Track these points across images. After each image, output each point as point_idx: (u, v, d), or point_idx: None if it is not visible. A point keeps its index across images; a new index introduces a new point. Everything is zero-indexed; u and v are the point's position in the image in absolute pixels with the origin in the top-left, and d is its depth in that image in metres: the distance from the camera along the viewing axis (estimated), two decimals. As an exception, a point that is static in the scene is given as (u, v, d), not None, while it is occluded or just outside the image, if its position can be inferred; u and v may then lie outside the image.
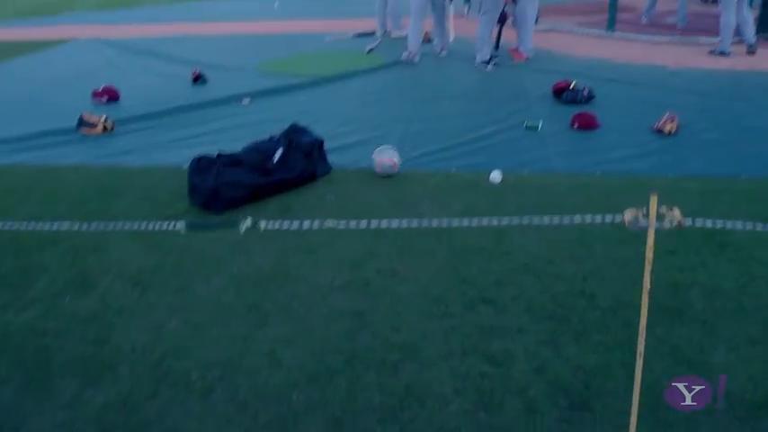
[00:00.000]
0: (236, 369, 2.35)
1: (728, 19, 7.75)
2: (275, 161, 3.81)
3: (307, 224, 1.99)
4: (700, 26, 10.06)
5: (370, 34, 9.73)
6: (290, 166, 3.86)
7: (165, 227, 2.54)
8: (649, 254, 1.52)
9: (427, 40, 8.57)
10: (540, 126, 5.05)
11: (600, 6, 12.54)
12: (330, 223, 1.88)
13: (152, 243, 3.33)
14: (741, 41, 8.06)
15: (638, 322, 1.70)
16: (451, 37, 7.94)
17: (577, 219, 1.73)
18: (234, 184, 3.68)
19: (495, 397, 2.17)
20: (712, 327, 2.50)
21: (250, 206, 3.74)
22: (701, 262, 2.98)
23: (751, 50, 7.84)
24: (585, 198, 3.78)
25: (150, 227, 2.34)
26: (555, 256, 3.09)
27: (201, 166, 3.76)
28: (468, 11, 11.41)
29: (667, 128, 4.89)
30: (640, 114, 5.40)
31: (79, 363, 2.41)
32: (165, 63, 8.12)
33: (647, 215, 1.43)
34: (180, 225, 2.03)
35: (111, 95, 6.41)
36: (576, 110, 5.38)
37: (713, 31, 9.48)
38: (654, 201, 1.41)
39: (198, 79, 6.95)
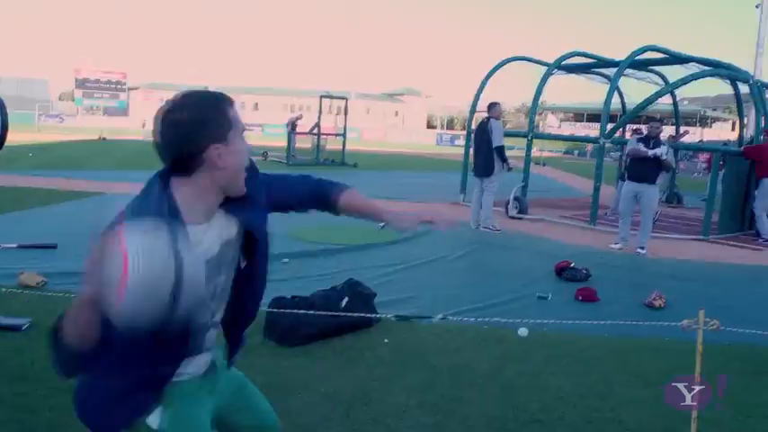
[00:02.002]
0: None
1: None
2: (342, 306, 4.55)
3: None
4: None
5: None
6: (353, 311, 4.60)
7: None
8: (698, 356, 2.28)
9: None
10: (549, 297, 5.91)
11: (577, 203, 14.16)
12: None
13: None
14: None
15: None
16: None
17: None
18: (308, 323, 4.39)
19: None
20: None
21: (318, 343, 4.41)
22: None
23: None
24: (602, 352, 4.55)
25: None
26: (586, 390, 3.81)
27: (279, 304, 4.48)
28: (463, 198, 12.77)
29: (657, 303, 5.78)
30: (632, 292, 6.34)
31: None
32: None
33: (697, 323, 2.22)
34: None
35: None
36: (577, 286, 6.30)
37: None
38: (701, 314, 2.21)
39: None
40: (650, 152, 8.31)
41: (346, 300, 4.60)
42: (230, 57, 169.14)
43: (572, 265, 6.82)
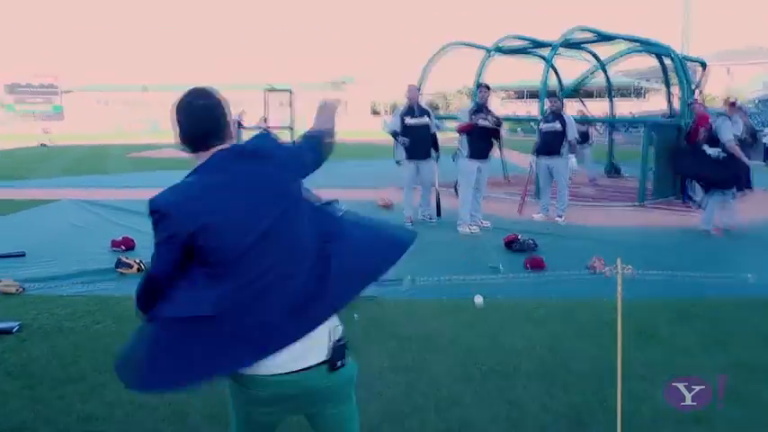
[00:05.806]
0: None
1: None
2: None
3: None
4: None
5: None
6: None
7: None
8: (619, 295, 2.79)
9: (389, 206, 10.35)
10: (500, 267, 6.43)
11: (523, 179, 14.78)
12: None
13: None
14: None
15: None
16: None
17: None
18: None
19: (519, 423, 3.28)
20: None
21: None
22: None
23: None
24: (550, 312, 5.09)
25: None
26: (537, 345, 4.33)
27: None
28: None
29: (597, 266, 6.36)
30: (575, 257, 6.89)
31: None
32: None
33: (616, 270, 2.72)
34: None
35: (128, 244, 7.43)
36: (525, 256, 6.83)
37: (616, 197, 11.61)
38: (619, 261, 2.71)
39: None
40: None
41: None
42: (165, 55, 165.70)
43: (519, 237, 7.36)
